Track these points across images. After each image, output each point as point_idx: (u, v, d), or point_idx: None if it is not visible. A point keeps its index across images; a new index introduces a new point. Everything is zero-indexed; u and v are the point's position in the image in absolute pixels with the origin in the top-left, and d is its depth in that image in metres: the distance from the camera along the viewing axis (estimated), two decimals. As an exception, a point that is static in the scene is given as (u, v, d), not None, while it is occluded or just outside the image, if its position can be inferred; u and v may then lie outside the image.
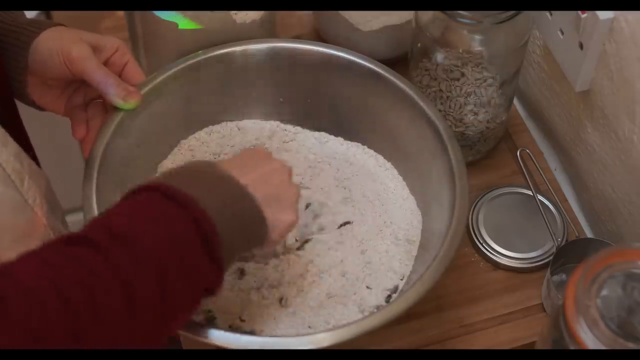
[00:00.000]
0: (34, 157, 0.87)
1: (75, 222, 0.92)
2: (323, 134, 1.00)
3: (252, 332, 0.84)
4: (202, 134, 0.98)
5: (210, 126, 0.99)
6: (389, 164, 0.97)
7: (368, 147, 0.98)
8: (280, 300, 0.86)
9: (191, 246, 0.65)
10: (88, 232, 0.63)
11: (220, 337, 0.75)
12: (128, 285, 0.60)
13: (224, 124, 0.99)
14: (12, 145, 0.78)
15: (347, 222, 0.93)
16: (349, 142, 0.99)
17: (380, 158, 0.98)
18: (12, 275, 0.58)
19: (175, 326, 0.67)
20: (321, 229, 0.92)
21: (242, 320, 0.85)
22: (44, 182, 0.81)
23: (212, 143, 0.98)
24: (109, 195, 0.85)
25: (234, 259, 0.71)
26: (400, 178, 0.96)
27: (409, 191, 0.95)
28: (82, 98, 0.88)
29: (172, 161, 0.95)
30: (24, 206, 0.77)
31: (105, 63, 0.85)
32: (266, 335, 0.83)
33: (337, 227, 0.92)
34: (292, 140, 0.99)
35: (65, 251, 0.61)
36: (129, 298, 0.60)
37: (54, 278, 0.58)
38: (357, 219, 0.93)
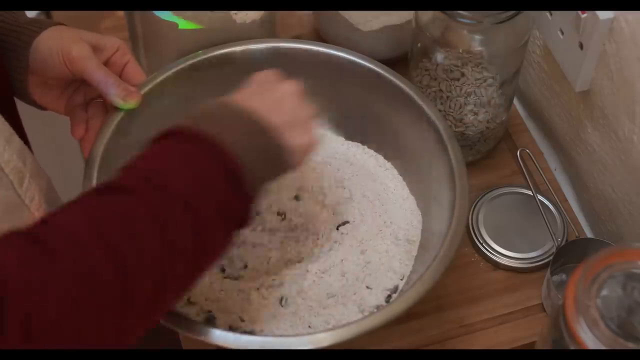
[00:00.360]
0: None
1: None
2: (323, 134, 1.00)
3: (252, 332, 0.84)
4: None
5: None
6: (389, 164, 0.97)
7: (368, 147, 0.98)
8: (281, 300, 0.86)
9: (218, 182, 0.67)
10: (122, 179, 0.66)
11: (220, 337, 0.75)
12: (165, 228, 0.63)
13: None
14: (17, 143, 0.78)
15: (346, 222, 0.93)
16: (349, 142, 0.99)
17: (380, 158, 0.98)
18: (56, 225, 0.61)
19: (211, 260, 0.69)
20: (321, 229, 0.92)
21: (242, 320, 0.85)
22: (44, 181, 0.81)
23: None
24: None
25: (260, 189, 0.72)
26: (400, 178, 0.96)
27: (409, 191, 0.95)
28: (83, 98, 0.88)
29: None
30: (20, 206, 0.77)
31: (106, 63, 0.85)
32: (266, 335, 0.83)
33: (336, 227, 0.92)
34: (292, 140, 0.99)
35: (105, 199, 0.64)
36: (168, 241, 0.63)
37: (96, 225, 0.61)
38: (357, 219, 0.93)
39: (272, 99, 0.75)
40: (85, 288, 0.59)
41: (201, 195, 0.66)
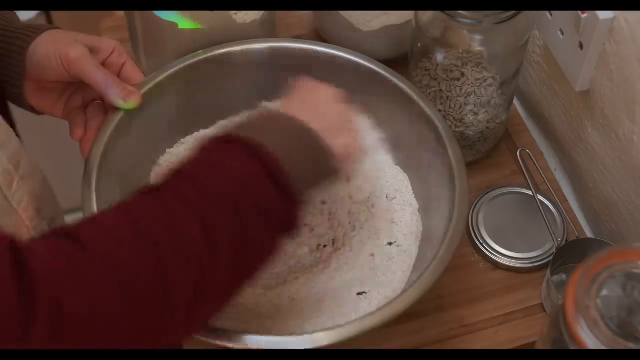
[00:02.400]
0: None
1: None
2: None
3: (251, 332, 0.84)
4: (201, 133, 0.98)
5: (211, 127, 0.99)
6: (389, 164, 0.97)
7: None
8: (282, 299, 0.86)
9: (263, 185, 0.67)
10: (167, 181, 0.66)
11: (221, 337, 0.75)
12: (205, 221, 0.63)
13: (223, 123, 0.99)
14: (13, 144, 0.77)
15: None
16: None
17: (381, 158, 0.97)
18: (93, 221, 0.62)
19: (254, 266, 0.69)
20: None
21: (243, 320, 0.85)
22: (38, 182, 0.81)
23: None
24: (109, 195, 0.85)
25: (305, 195, 0.71)
26: (401, 177, 0.96)
27: (410, 191, 0.95)
28: (81, 100, 0.88)
29: (168, 162, 0.95)
30: (8, 209, 0.77)
31: (103, 64, 0.85)
32: (266, 335, 0.83)
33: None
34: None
35: (147, 199, 0.64)
36: (208, 233, 0.62)
37: (133, 219, 0.61)
38: (361, 218, 0.93)
39: (312, 106, 0.75)
40: (121, 281, 0.58)
41: (247, 198, 0.66)
